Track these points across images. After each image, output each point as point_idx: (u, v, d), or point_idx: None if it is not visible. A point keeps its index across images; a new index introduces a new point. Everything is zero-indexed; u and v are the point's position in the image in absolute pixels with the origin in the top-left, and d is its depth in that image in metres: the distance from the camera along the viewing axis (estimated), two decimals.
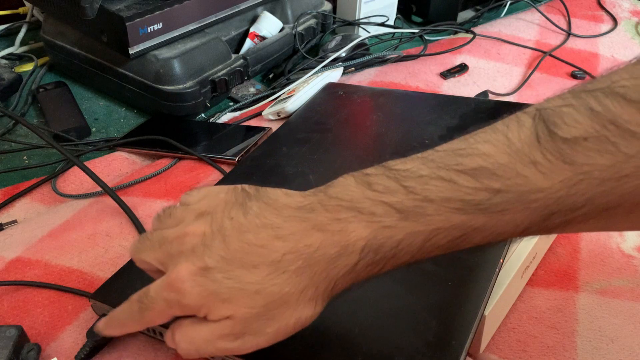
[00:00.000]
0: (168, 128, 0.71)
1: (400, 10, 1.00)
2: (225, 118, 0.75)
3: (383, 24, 0.94)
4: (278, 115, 0.72)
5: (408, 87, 0.81)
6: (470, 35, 0.92)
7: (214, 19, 0.76)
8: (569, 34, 0.97)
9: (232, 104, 0.78)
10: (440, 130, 0.61)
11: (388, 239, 0.31)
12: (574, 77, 0.86)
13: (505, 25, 0.99)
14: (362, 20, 0.93)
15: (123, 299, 0.36)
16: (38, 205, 0.60)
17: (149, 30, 0.69)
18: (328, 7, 0.92)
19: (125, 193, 0.59)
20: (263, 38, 0.81)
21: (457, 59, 0.88)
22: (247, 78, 0.78)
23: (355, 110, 0.67)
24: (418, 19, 1.03)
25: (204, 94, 0.72)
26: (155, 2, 0.69)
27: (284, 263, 0.31)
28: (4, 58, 0.86)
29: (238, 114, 0.76)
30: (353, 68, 0.83)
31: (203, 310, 0.32)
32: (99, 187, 0.55)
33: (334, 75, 0.78)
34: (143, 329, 0.42)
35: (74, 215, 0.56)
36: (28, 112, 0.76)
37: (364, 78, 0.82)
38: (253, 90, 0.81)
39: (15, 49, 0.88)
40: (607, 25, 1.02)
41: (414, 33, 0.94)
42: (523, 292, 0.49)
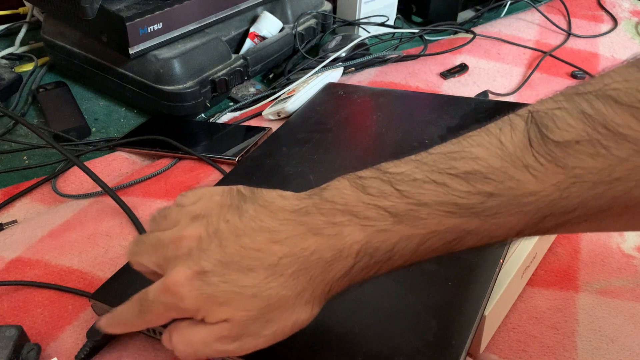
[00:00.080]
0: (168, 128, 0.71)
1: (400, 10, 1.00)
2: (225, 118, 0.75)
3: (383, 24, 0.94)
4: (278, 115, 0.72)
5: (408, 87, 0.81)
6: (470, 35, 0.92)
7: (214, 19, 0.76)
8: (569, 34, 0.97)
9: (232, 104, 0.78)
10: (440, 130, 0.61)
11: (382, 243, 0.31)
12: (574, 77, 0.86)
13: (505, 25, 0.99)
14: (362, 20, 0.93)
15: (123, 299, 0.36)
16: (38, 205, 0.60)
17: (149, 30, 0.69)
18: (328, 7, 0.92)
19: (125, 193, 0.59)
20: (263, 38, 0.81)
21: (457, 59, 0.88)
22: (247, 78, 0.78)
23: (355, 110, 0.67)
24: (418, 19, 1.03)
25: (204, 94, 0.72)
26: (155, 2, 0.69)
27: (281, 267, 0.31)
28: (4, 58, 0.86)
29: (238, 114, 0.76)
30: (353, 68, 0.83)
31: (201, 313, 0.33)
32: (99, 187, 0.55)
33: (334, 75, 0.78)
34: (143, 329, 0.42)
35: (74, 215, 0.56)
36: (28, 112, 0.76)
37: (364, 78, 0.82)
38: (253, 90, 0.81)
39: (15, 49, 0.88)
40: (607, 25, 1.02)
41: (414, 33, 0.94)
42: (523, 292, 0.49)
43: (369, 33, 0.90)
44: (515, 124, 0.29)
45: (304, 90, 0.72)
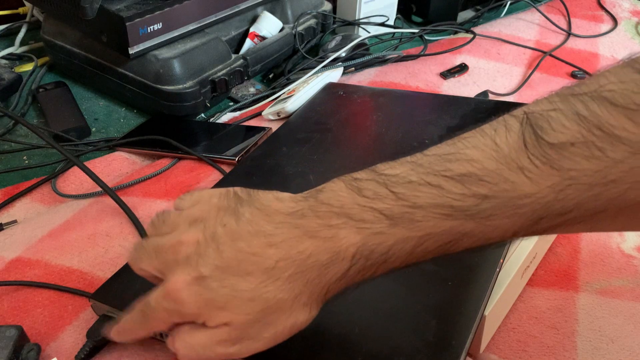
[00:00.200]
0: (168, 128, 0.71)
1: (400, 10, 1.00)
2: (225, 118, 0.75)
3: (383, 24, 0.94)
4: (278, 115, 0.72)
5: (408, 87, 0.81)
6: (470, 35, 0.92)
7: (214, 19, 0.76)
8: (569, 34, 0.97)
9: (232, 104, 0.78)
10: (440, 130, 0.61)
11: (378, 245, 0.31)
12: (574, 77, 0.86)
13: (505, 25, 0.99)
14: (362, 20, 0.93)
15: (123, 299, 0.36)
16: (38, 205, 0.60)
17: (149, 30, 0.69)
18: (328, 7, 0.92)
19: (125, 193, 0.59)
20: (263, 38, 0.81)
21: (457, 59, 0.88)
22: (247, 78, 0.78)
23: (355, 110, 0.67)
24: (418, 19, 1.03)
25: (204, 94, 0.72)
26: (155, 2, 0.69)
27: (277, 270, 0.31)
28: (4, 58, 0.86)
29: (238, 114, 0.76)
30: (353, 68, 0.83)
31: (201, 318, 0.33)
32: (99, 187, 0.55)
33: (334, 75, 0.78)
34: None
35: (74, 215, 0.56)
36: (28, 112, 0.76)
37: (364, 78, 0.82)
38: (253, 90, 0.81)
39: (15, 49, 0.88)
40: (607, 25, 1.02)
41: (414, 33, 0.94)
42: (523, 292, 0.49)
43: (369, 33, 0.90)
44: (510, 125, 0.29)
45: (304, 90, 0.72)
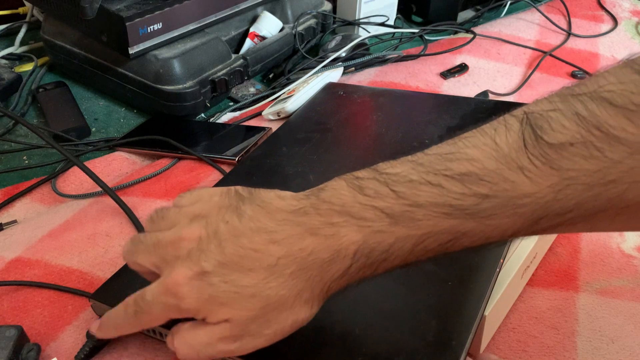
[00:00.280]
0: (168, 128, 0.71)
1: (400, 10, 1.00)
2: (225, 118, 0.75)
3: (383, 24, 0.94)
4: (278, 115, 0.72)
5: (408, 87, 0.81)
6: (470, 35, 0.92)
7: (214, 19, 0.76)
8: (569, 34, 0.97)
9: (232, 104, 0.78)
10: (440, 130, 0.61)
11: (379, 244, 0.31)
12: (574, 77, 0.86)
13: (506, 25, 0.99)
14: (362, 20, 0.93)
15: (123, 299, 0.36)
16: (38, 205, 0.60)
17: (149, 30, 0.69)
18: (328, 7, 0.92)
19: (125, 193, 0.59)
20: (263, 38, 0.81)
21: (457, 59, 0.88)
22: (247, 78, 0.78)
23: (355, 110, 0.67)
24: (418, 19, 1.03)
25: (204, 94, 0.72)
26: (155, 2, 0.69)
27: (279, 267, 0.32)
28: (4, 58, 0.86)
29: (238, 114, 0.76)
30: (353, 68, 0.83)
31: (201, 314, 0.33)
32: (99, 187, 0.55)
33: (334, 75, 0.78)
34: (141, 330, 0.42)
35: (74, 215, 0.56)
36: (28, 112, 0.76)
37: (364, 78, 0.82)
38: (253, 90, 0.81)
39: (15, 49, 0.88)
40: (607, 25, 1.02)
41: (414, 33, 0.94)
42: (523, 292, 0.49)
43: (369, 33, 0.90)
44: (510, 125, 0.29)
45: (304, 90, 0.72)
